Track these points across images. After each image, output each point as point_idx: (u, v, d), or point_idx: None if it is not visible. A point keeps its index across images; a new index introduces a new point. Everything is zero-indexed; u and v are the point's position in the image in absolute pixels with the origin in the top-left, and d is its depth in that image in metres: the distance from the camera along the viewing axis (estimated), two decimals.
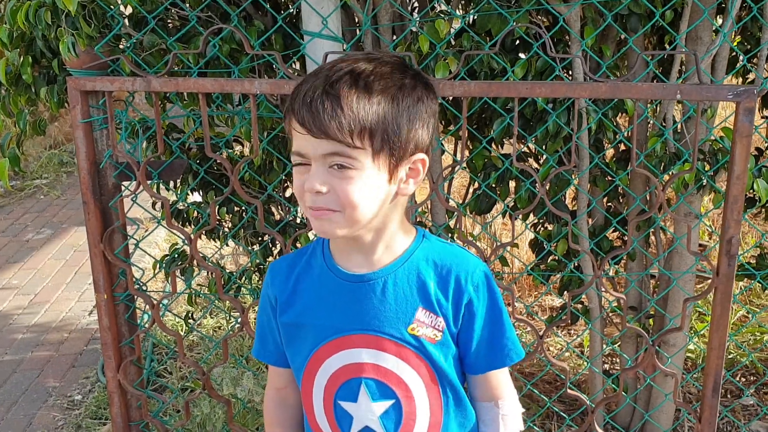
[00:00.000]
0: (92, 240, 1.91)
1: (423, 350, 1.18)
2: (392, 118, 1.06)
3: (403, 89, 1.08)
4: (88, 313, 3.83)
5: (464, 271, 1.18)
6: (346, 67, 1.07)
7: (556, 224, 2.27)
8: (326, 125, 1.03)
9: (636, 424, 2.58)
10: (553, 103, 2.02)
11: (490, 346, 1.21)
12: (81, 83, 1.79)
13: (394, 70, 1.10)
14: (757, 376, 2.97)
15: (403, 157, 1.10)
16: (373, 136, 1.05)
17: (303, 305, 1.22)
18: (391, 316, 1.17)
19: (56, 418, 2.96)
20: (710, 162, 2.08)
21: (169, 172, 2.00)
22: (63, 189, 5.82)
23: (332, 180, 1.07)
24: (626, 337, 2.54)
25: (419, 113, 1.10)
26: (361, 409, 1.19)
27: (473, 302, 1.19)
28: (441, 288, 1.18)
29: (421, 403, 1.21)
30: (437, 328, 1.18)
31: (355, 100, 1.04)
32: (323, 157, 1.06)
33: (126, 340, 2.03)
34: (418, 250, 1.19)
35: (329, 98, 1.04)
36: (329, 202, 1.08)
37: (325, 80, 1.05)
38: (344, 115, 1.03)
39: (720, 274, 1.63)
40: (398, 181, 1.12)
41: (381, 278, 1.17)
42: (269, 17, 2.18)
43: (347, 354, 1.18)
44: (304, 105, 1.05)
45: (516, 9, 1.92)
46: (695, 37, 2.04)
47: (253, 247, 2.59)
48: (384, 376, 1.18)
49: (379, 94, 1.06)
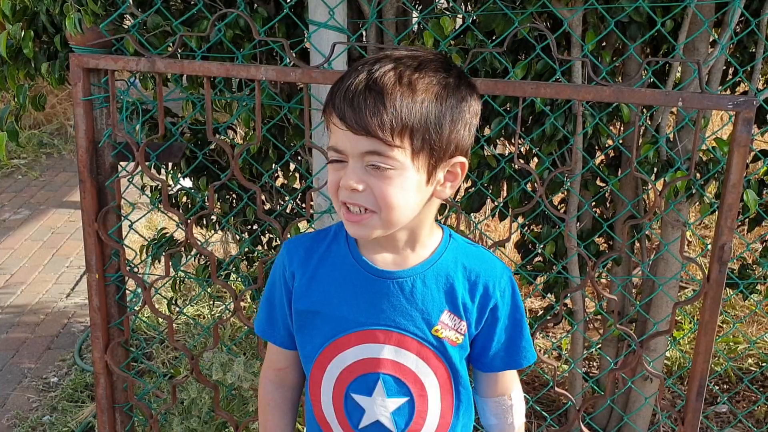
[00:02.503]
0: (87, 219, 1.89)
1: (444, 352, 1.19)
2: (435, 117, 1.04)
3: (448, 88, 1.06)
4: (65, 296, 3.79)
5: (492, 276, 1.19)
6: (390, 63, 1.04)
7: (546, 226, 2.29)
8: (367, 122, 1.01)
9: (613, 426, 2.63)
10: (551, 105, 2.05)
11: (508, 348, 1.23)
12: (84, 60, 1.77)
13: (438, 68, 1.07)
14: (730, 384, 3.03)
15: (442, 159, 1.08)
16: (414, 135, 1.03)
17: (321, 293, 1.19)
18: (417, 315, 1.17)
19: (31, 399, 2.93)
20: (701, 172, 2.12)
21: (168, 155, 1.99)
22: (42, 170, 5.74)
23: (369, 179, 1.05)
24: (608, 341, 2.58)
25: (462, 114, 1.08)
26: (375, 404, 1.19)
27: (498, 307, 1.20)
28: (469, 292, 1.18)
29: (433, 403, 1.21)
30: (460, 331, 1.18)
31: (399, 98, 1.01)
32: (361, 155, 1.04)
33: (115, 322, 2.01)
34: (447, 251, 1.19)
35: (372, 94, 1.01)
36: (365, 201, 1.06)
37: (368, 76, 1.03)
38: (386, 113, 1.01)
39: (711, 280, 1.67)
40: (435, 183, 1.10)
41: (410, 277, 1.16)
42: (272, 5, 2.17)
43: (367, 348, 1.18)
44: (345, 100, 1.03)
45: (521, 10, 1.95)
46: (692, 48, 2.08)
47: (243, 235, 2.59)
48: (402, 373, 1.18)
49: (423, 92, 1.03)
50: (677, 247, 2.23)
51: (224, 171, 2.32)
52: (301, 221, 1.98)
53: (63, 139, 6.31)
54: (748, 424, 2.73)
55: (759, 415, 2.83)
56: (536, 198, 1.77)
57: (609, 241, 2.51)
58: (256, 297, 2.46)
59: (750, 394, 2.96)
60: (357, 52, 2.16)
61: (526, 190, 2.18)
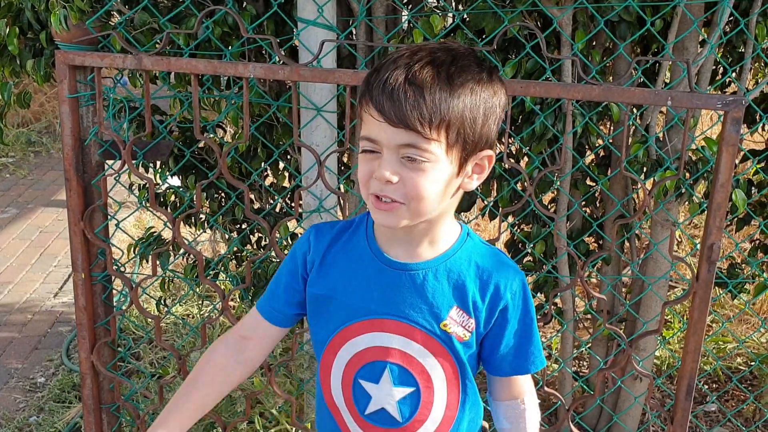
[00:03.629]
0: (73, 218, 1.87)
1: (451, 346, 1.20)
2: (470, 112, 1.05)
3: (482, 83, 1.08)
4: (53, 295, 3.76)
5: (504, 277, 1.19)
6: (427, 57, 1.06)
7: (535, 225, 2.29)
8: (407, 115, 1.02)
9: (603, 425, 2.63)
10: (541, 104, 2.05)
11: (517, 353, 1.24)
12: (70, 57, 1.76)
13: (472, 62, 1.09)
14: (719, 383, 3.04)
15: (473, 152, 1.10)
16: (450, 129, 1.05)
17: (336, 280, 1.22)
18: (426, 309, 1.18)
19: (17, 400, 2.90)
20: (690, 171, 2.13)
21: (155, 153, 1.97)
22: (30, 168, 5.70)
23: (403, 170, 1.06)
24: (597, 340, 2.58)
25: (494, 108, 1.10)
26: (382, 392, 1.21)
27: (508, 309, 1.20)
28: (480, 291, 1.19)
29: (439, 395, 1.22)
30: (467, 328, 1.19)
31: (438, 92, 1.03)
32: (397, 147, 1.05)
33: (101, 321, 1.99)
34: (462, 248, 1.20)
35: (412, 87, 1.02)
36: (395, 193, 1.07)
37: (406, 69, 1.04)
38: (426, 106, 1.02)
39: (700, 279, 1.67)
40: (464, 176, 1.12)
41: (423, 270, 1.18)
42: (261, 3, 2.16)
43: (377, 336, 1.20)
44: (384, 92, 1.03)
45: (510, 9, 1.94)
46: (681, 47, 2.08)
47: (232, 234, 2.57)
48: (409, 363, 1.20)
49: (460, 87, 1.05)
50: (666, 247, 2.23)
51: (213, 169, 2.31)
52: (290, 220, 1.97)
53: (51, 137, 6.27)
54: (737, 423, 2.74)
55: (747, 414, 2.84)
56: (526, 197, 1.76)
57: (599, 240, 2.51)
58: (245, 297, 2.44)
59: (739, 393, 2.96)
60: (346, 50, 2.15)
61: (515, 189, 2.17)
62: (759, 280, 2.34)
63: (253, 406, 2.42)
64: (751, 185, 2.25)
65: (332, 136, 2.10)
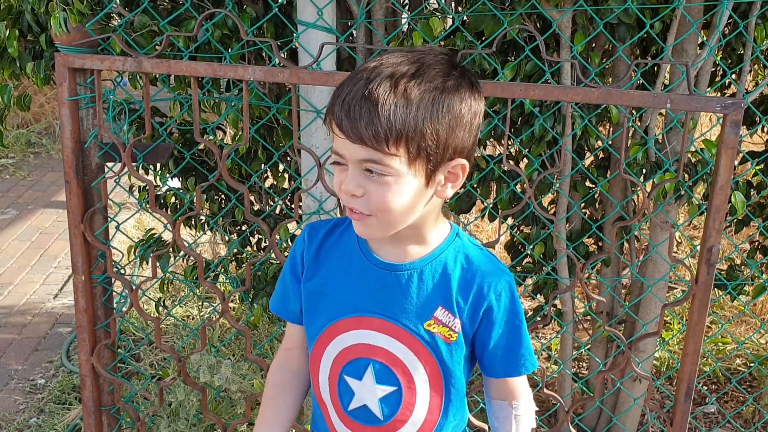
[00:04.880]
0: (73, 220, 1.87)
1: (435, 348, 1.20)
2: (431, 124, 1.04)
3: (445, 92, 1.05)
4: (53, 297, 3.76)
5: (488, 277, 1.19)
6: (388, 69, 1.05)
7: (535, 227, 2.29)
8: (362, 132, 1.02)
9: (602, 427, 2.63)
10: (540, 106, 2.05)
11: (506, 355, 1.23)
12: (70, 60, 1.76)
13: (438, 72, 1.07)
14: (718, 384, 3.04)
15: (440, 163, 1.08)
16: (409, 143, 1.04)
17: (327, 276, 1.24)
18: (410, 308, 1.18)
19: (17, 401, 2.91)
20: (690, 173, 2.13)
21: (155, 155, 1.98)
22: (30, 170, 5.70)
23: (367, 184, 1.07)
24: (597, 342, 2.59)
25: (461, 117, 1.07)
26: (364, 388, 1.22)
27: (493, 309, 1.19)
28: (463, 290, 1.19)
29: (421, 397, 1.22)
30: (453, 329, 1.19)
31: (393, 108, 1.02)
32: (359, 162, 1.06)
33: (102, 323, 1.99)
34: (449, 248, 1.20)
35: (366, 105, 1.02)
36: (362, 206, 1.08)
37: (365, 84, 1.04)
38: (380, 124, 1.02)
39: (699, 282, 1.67)
40: (436, 185, 1.11)
41: (408, 270, 1.18)
42: (261, 5, 2.16)
43: (363, 334, 1.21)
44: (342, 109, 1.04)
45: (510, 11, 1.94)
46: (681, 49, 2.08)
47: (232, 236, 2.58)
48: (392, 363, 1.20)
49: (418, 100, 1.03)
50: (666, 249, 2.23)
51: (213, 171, 2.31)
52: (289, 222, 1.97)
53: (51, 138, 6.27)
54: (736, 424, 2.74)
55: (747, 415, 2.84)
56: (525, 199, 1.76)
57: (598, 242, 2.51)
58: (245, 299, 2.44)
59: (738, 394, 2.97)
60: (346, 53, 2.15)
61: (515, 191, 2.17)
62: (758, 281, 2.34)
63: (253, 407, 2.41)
64: (750, 187, 2.26)
65: (332, 138, 2.10)
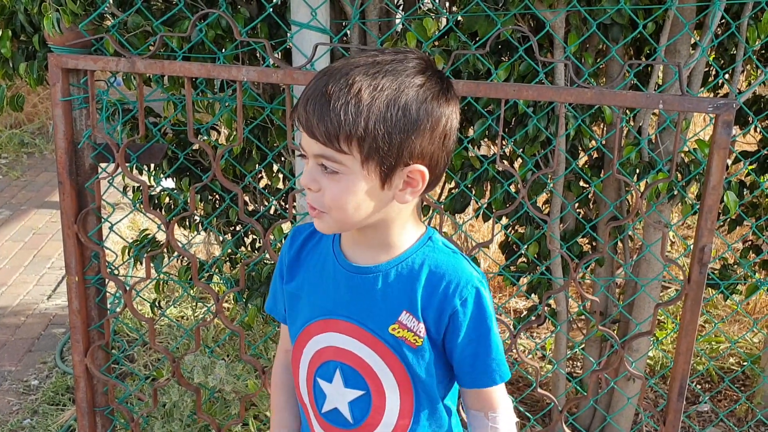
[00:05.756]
0: (66, 221, 1.87)
1: (400, 352, 1.17)
2: (383, 127, 1.03)
3: (403, 95, 1.04)
4: (46, 297, 3.75)
5: (455, 281, 1.15)
6: (351, 69, 1.04)
7: (529, 227, 2.30)
8: (314, 128, 1.03)
9: (596, 426, 2.64)
10: (534, 107, 2.05)
11: (473, 364, 1.19)
12: (63, 61, 1.76)
13: (402, 74, 1.05)
14: (711, 383, 3.05)
15: (395, 166, 1.06)
16: (361, 143, 1.03)
17: (304, 278, 1.25)
18: (376, 312, 1.17)
19: (11, 402, 2.89)
20: (683, 173, 2.14)
21: (148, 156, 1.97)
22: (23, 170, 5.68)
23: (322, 179, 1.07)
24: (591, 341, 2.59)
25: (419, 122, 1.05)
26: (334, 391, 1.22)
27: (458, 315, 1.15)
28: (427, 294, 1.16)
29: (391, 402, 1.21)
30: (418, 333, 1.16)
31: (345, 106, 1.02)
32: (315, 157, 1.07)
33: (95, 324, 1.99)
34: (419, 252, 1.17)
35: (321, 101, 1.03)
36: (317, 202, 1.09)
37: (327, 81, 1.04)
38: (330, 121, 1.02)
39: (691, 281, 1.67)
40: (393, 189, 1.09)
41: (374, 274, 1.17)
42: (254, 5, 2.16)
43: (332, 336, 1.21)
44: (302, 103, 1.05)
45: (503, 12, 1.95)
46: (674, 50, 2.09)
47: (226, 236, 2.57)
48: (359, 366, 1.20)
49: (371, 100, 1.02)
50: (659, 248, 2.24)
51: (207, 171, 2.31)
52: (284, 222, 1.97)
53: (45, 138, 6.25)
54: (729, 423, 2.75)
55: (740, 413, 2.85)
56: (519, 200, 1.77)
57: (592, 242, 2.52)
58: (239, 299, 2.44)
59: (731, 393, 2.98)
60: (340, 53, 2.15)
61: (509, 191, 2.18)
62: (751, 281, 2.35)
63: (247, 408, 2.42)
64: (743, 186, 2.27)
65: None
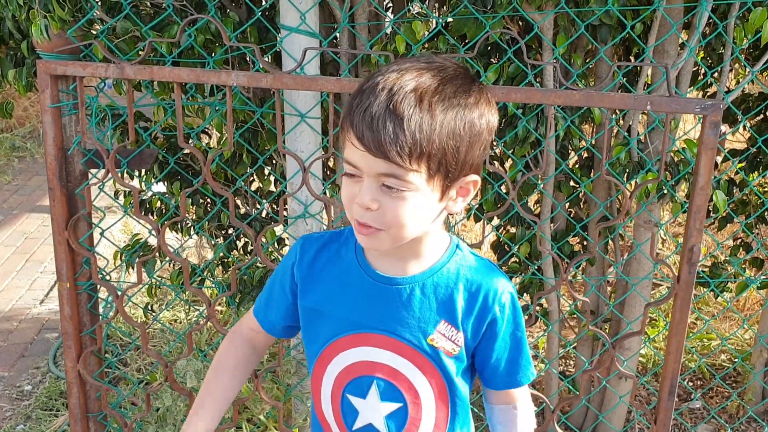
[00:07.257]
0: (57, 227, 1.87)
1: (438, 361, 1.19)
2: (453, 142, 1.04)
3: (468, 108, 1.05)
4: (39, 302, 3.74)
5: (493, 289, 1.18)
6: (410, 83, 1.02)
7: (520, 227, 2.31)
8: (386, 147, 1.00)
9: (589, 425, 2.65)
10: (523, 108, 2.06)
11: (509, 367, 1.23)
12: (52, 67, 1.75)
13: (459, 87, 1.06)
14: (703, 380, 3.07)
15: (456, 178, 1.08)
16: (431, 159, 1.03)
17: (324, 293, 1.22)
18: (413, 323, 1.17)
19: (4, 408, 2.89)
20: (672, 172, 2.15)
21: (139, 161, 1.97)
22: (14, 174, 5.66)
23: (383, 198, 1.05)
24: (583, 340, 2.61)
25: (480, 134, 1.07)
26: (368, 407, 1.21)
27: (497, 322, 1.19)
28: (467, 304, 1.18)
29: (427, 412, 1.21)
30: (456, 342, 1.18)
31: (418, 124, 1.00)
32: (377, 176, 1.04)
33: (87, 330, 1.99)
34: (450, 261, 1.19)
35: (392, 118, 1.00)
36: (375, 220, 1.06)
37: (388, 97, 1.01)
38: (405, 139, 1.00)
39: (681, 281, 1.68)
40: (447, 199, 1.10)
41: (409, 285, 1.17)
42: (244, 9, 2.16)
43: (364, 351, 1.19)
44: (364, 121, 1.01)
45: (492, 14, 1.96)
46: (662, 50, 2.10)
47: (217, 240, 2.57)
48: (396, 379, 1.19)
49: (443, 116, 1.02)
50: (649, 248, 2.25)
51: (198, 175, 2.31)
52: (275, 226, 1.97)
53: (36, 142, 6.22)
54: (720, 420, 2.77)
55: (731, 410, 2.87)
56: (509, 201, 1.78)
57: (584, 241, 2.53)
58: (231, 303, 2.44)
59: (723, 390, 2.99)
60: (330, 56, 2.15)
61: (499, 192, 2.19)
62: (741, 278, 2.36)
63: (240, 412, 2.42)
64: (732, 184, 2.28)
65: (316, 141, 2.11)
